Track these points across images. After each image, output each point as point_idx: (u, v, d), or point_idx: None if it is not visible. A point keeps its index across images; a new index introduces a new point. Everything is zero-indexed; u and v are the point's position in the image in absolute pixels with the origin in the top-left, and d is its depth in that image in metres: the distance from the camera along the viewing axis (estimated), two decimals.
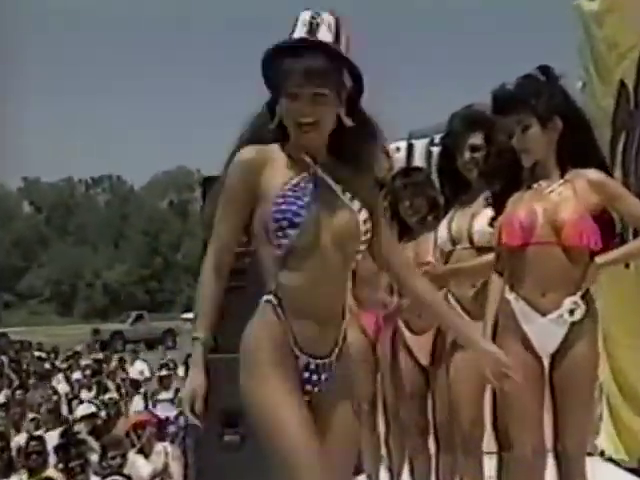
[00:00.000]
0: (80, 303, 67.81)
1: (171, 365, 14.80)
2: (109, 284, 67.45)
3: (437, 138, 10.17)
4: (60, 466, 7.16)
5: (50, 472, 6.87)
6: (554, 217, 3.32)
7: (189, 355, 4.73)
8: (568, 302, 3.30)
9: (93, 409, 9.29)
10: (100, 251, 70.95)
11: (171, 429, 8.43)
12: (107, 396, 10.70)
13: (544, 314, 3.32)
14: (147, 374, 16.59)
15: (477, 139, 4.01)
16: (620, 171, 5.32)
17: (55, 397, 11.88)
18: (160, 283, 68.13)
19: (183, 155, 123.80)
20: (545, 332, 3.32)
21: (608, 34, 5.64)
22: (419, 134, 9.99)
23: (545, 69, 3.44)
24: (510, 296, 3.40)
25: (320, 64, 2.44)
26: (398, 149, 10.47)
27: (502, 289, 3.48)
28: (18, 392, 12.44)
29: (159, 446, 7.36)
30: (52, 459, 7.48)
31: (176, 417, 8.48)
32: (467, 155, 4.01)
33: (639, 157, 5.26)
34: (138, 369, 17.08)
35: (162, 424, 8.20)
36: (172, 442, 7.83)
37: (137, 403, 11.67)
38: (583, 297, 3.33)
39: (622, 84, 5.43)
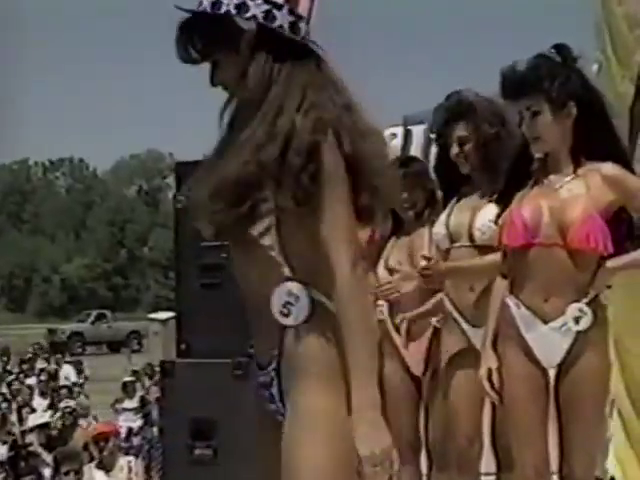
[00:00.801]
0: (34, 300, 67.53)
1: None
2: (67, 279, 67.21)
3: None
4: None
5: None
6: (561, 216, 3.31)
7: (163, 362, 4.74)
8: (573, 309, 3.31)
9: (46, 418, 9.26)
10: (58, 242, 70.67)
11: (135, 441, 8.42)
12: (62, 404, 10.63)
13: (546, 321, 3.33)
14: (73, 379, 16.49)
15: (463, 130, 4.03)
16: None
17: (4, 404, 11.85)
18: (125, 279, 67.95)
19: (153, 137, 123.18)
20: (548, 341, 3.32)
21: (629, 12, 5.65)
22: (417, 119, 10.00)
23: (561, 48, 3.38)
24: (510, 301, 3.41)
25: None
26: (394, 135, 10.51)
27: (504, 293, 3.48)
28: None
29: (122, 460, 7.35)
30: None
31: (141, 428, 8.47)
32: (455, 148, 4.04)
33: None
34: (64, 374, 16.96)
35: (126, 436, 8.18)
36: (136, 456, 7.81)
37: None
38: (590, 304, 3.33)
39: None
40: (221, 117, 2.31)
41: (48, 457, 7.99)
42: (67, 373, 17.10)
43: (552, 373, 3.36)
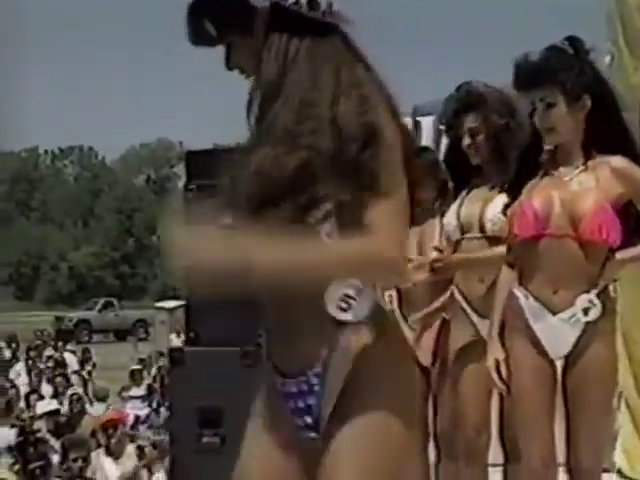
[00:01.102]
0: (42, 288, 67.66)
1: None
2: (75, 267, 67.32)
3: None
4: (16, 467, 7.15)
5: (3, 474, 6.83)
6: (573, 207, 3.31)
7: (172, 350, 4.76)
8: (582, 300, 3.31)
9: (55, 405, 9.29)
10: (66, 230, 70.80)
11: (141, 429, 8.43)
12: (70, 392, 10.65)
13: (555, 312, 3.34)
14: (75, 367, 16.48)
15: (473, 121, 4.03)
16: None
17: (12, 391, 11.88)
18: (132, 268, 68.01)
19: (163, 126, 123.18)
20: (556, 332, 3.32)
21: None
22: (426, 110, 9.96)
23: (574, 41, 3.38)
24: (519, 292, 3.41)
25: None
26: None
27: (512, 283, 3.48)
28: None
29: (130, 448, 7.36)
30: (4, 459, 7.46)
31: (147, 416, 8.50)
32: (466, 140, 4.03)
33: None
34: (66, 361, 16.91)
35: (133, 424, 8.20)
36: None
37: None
38: (599, 295, 3.33)
39: None
40: (249, 104, 2.12)
41: (56, 444, 8.02)
42: (70, 361, 17.09)
43: (559, 364, 3.36)
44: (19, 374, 15.57)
